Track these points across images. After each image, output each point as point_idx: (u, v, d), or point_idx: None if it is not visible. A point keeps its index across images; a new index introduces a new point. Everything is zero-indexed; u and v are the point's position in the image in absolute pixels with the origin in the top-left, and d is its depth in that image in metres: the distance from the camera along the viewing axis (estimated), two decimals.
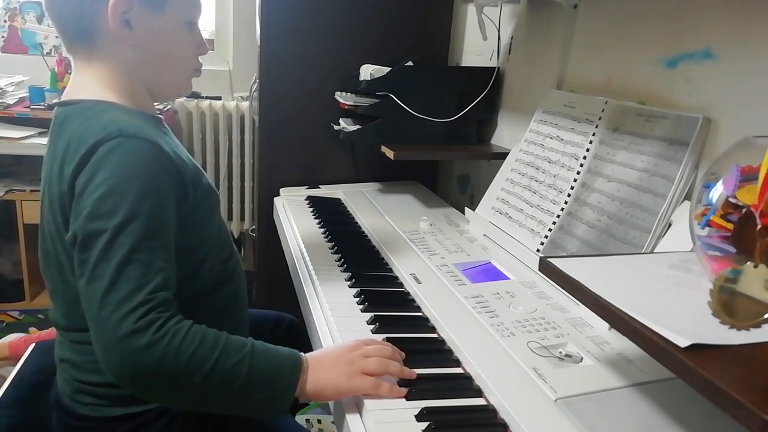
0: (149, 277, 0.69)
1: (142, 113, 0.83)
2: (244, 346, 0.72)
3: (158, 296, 0.68)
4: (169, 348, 0.66)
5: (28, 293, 2.35)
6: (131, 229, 0.69)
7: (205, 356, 0.68)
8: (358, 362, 0.75)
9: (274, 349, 0.75)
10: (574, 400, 0.69)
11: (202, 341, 0.68)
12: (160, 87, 0.88)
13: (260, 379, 0.71)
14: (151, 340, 0.65)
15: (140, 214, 0.70)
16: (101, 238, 0.69)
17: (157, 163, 0.74)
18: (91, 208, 0.70)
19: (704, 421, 0.65)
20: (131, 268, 0.68)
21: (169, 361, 0.66)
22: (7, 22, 2.50)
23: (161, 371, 0.67)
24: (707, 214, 0.60)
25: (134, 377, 0.67)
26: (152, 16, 0.80)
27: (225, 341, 0.71)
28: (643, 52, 1.03)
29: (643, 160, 0.96)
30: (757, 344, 0.51)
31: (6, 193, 2.20)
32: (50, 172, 0.79)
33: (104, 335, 0.67)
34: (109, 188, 0.70)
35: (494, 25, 1.46)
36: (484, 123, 1.54)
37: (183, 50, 0.86)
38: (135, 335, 0.65)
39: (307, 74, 1.60)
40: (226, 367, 0.69)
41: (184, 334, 0.68)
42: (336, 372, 0.74)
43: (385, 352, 0.78)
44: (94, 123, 0.75)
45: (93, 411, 0.82)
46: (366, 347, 0.78)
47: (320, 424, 1.72)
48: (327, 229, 1.33)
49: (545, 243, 1.08)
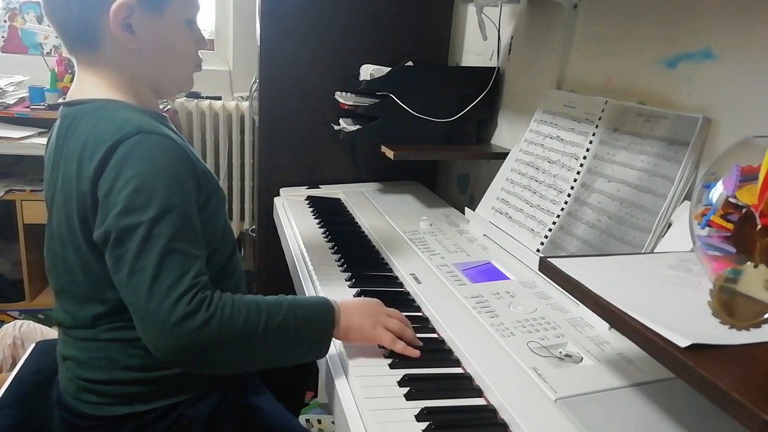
0: (190, 263, 0.72)
1: (149, 111, 0.84)
2: (282, 302, 0.78)
3: (201, 280, 0.72)
4: (223, 320, 0.71)
5: (28, 293, 2.35)
6: (167, 221, 0.72)
7: (255, 319, 0.74)
8: (382, 317, 0.84)
9: (305, 299, 0.85)
10: (574, 400, 0.69)
11: (248, 307, 0.74)
12: (164, 85, 0.89)
13: (305, 326, 0.78)
14: (205, 318, 0.70)
15: (174, 206, 0.73)
16: (138, 232, 0.71)
17: (177, 157, 0.77)
18: (124, 204, 0.71)
19: (704, 421, 0.65)
20: (173, 258, 0.71)
21: (225, 332, 0.71)
22: (7, 22, 2.50)
23: (221, 343, 0.72)
24: (707, 214, 0.60)
25: (197, 356, 0.72)
26: (153, 19, 0.81)
27: (265, 303, 0.77)
28: (643, 52, 1.03)
29: (643, 160, 0.96)
30: (757, 344, 0.51)
31: (6, 193, 2.20)
32: (65, 173, 0.79)
33: (157, 324, 0.69)
34: (139, 183, 0.72)
35: (494, 25, 1.46)
36: (484, 123, 1.54)
37: (184, 48, 0.87)
38: (190, 318, 0.69)
39: (307, 74, 1.60)
40: (275, 324, 0.75)
41: (231, 305, 0.72)
42: (364, 318, 0.83)
43: (403, 317, 0.87)
44: (109, 122, 0.76)
45: (96, 410, 0.83)
46: (389, 309, 0.88)
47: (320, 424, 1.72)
48: (327, 229, 1.33)
49: (545, 243, 1.08)
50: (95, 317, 0.81)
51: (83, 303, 0.82)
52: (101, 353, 0.82)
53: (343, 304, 0.84)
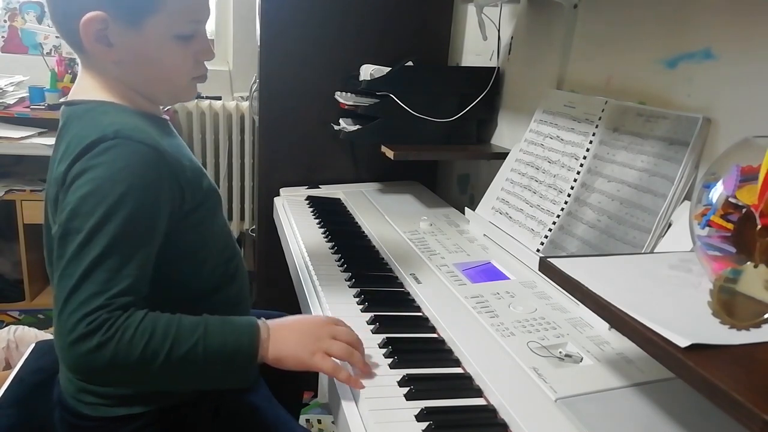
0: (114, 282, 0.69)
1: (145, 114, 0.82)
2: (197, 328, 0.72)
3: (117, 301, 0.68)
4: (120, 345, 0.67)
5: (28, 293, 2.35)
6: (106, 232, 0.69)
7: (158, 346, 0.69)
8: (325, 342, 0.76)
9: (229, 322, 0.75)
10: (574, 400, 0.69)
11: (152, 332, 0.69)
12: (153, 95, 0.86)
13: (218, 356, 0.72)
14: (101, 341, 0.66)
15: (119, 218, 0.70)
16: (77, 237, 0.69)
17: (148, 165, 0.74)
18: (73, 205, 0.70)
19: (704, 421, 0.65)
20: (99, 272, 0.68)
21: (121, 357, 0.67)
22: (7, 22, 2.50)
23: (116, 367, 0.68)
24: (707, 214, 0.60)
25: (91, 375, 0.70)
26: (130, 33, 0.77)
27: (177, 327, 0.71)
28: (643, 52, 1.03)
29: (643, 160, 0.96)
30: (757, 344, 0.51)
31: (6, 193, 2.20)
32: (51, 173, 0.79)
33: (61, 336, 0.68)
34: (92, 188, 0.70)
35: (494, 25, 1.46)
36: (484, 123, 1.54)
37: (173, 63, 0.82)
38: (85, 339, 0.66)
39: (307, 74, 1.60)
40: (180, 353, 0.70)
41: (134, 328, 0.68)
42: (301, 345, 0.76)
43: (352, 338, 0.79)
44: (93, 124, 0.75)
45: (94, 411, 0.82)
46: (335, 327, 0.79)
47: (320, 424, 1.72)
48: (327, 229, 1.33)
49: (545, 243, 1.08)
50: None
51: None
52: None
53: (277, 327, 0.77)
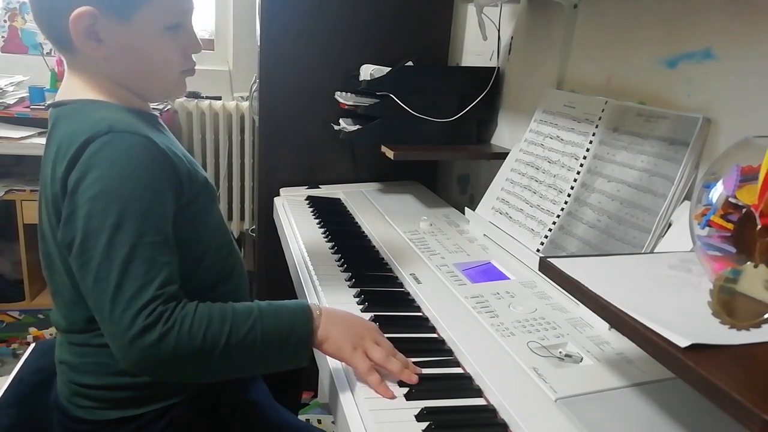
0: (154, 272, 0.70)
1: (134, 111, 0.82)
2: (252, 312, 0.74)
3: (166, 291, 0.70)
4: (181, 335, 0.69)
5: (28, 293, 2.35)
6: (129, 227, 0.70)
7: (217, 332, 0.71)
8: (368, 342, 0.78)
9: (282, 305, 0.78)
10: (574, 400, 0.69)
11: (210, 319, 0.71)
12: (144, 92, 0.85)
13: (275, 338, 0.74)
14: (162, 333, 0.68)
15: (137, 211, 0.70)
16: (101, 238, 0.69)
17: (149, 156, 0.74)
18: (87, 207, 0.70)
19: (704, 421, 0.65)
20: (135, 265, 0.69)
21: (184, 347, 0.69)
22: (7, 22, 2.50)
23: (180, 357, 0.69)
24: (707, 214, 0.60)
25: (156, 369, 0.71)
26: (120, 27, 0.77)
27: (232, 313, 0.73)
28: (643, 52, 1.03)
29: (643, 160, 0.96)
30: (757, 344, 0.51)
31: (6, 193, 2.19)
32: (44, 175, 0.79)
33: (118, 336, 0.68)
34: (102, 187, 0.70)
35: (494, 25, 1.46)
36: (484, 123, 1.54)
37: (161, 55, 0.81)
38: (147, 332, 0.67)
39: (307, 74, 1.60)
40: (239, 337, 0.72)
41: (192, 317, 0.70)
42: (346, 336, 0.78)
43: (392, 350, 0.79)
44: (83, 121, 0.75)
45: (89, 414, 0.82)
46: (381, 336, 0.81)
47: (320, 424, 1.72)
48: (327, 229, 1.33)
49: (545, 243, 1.08)
50: (87, 321, 0.79)
51: (73, 306, 0.81)
52: (93, 358, 0.81)
53: (330, 312, 0.80)
